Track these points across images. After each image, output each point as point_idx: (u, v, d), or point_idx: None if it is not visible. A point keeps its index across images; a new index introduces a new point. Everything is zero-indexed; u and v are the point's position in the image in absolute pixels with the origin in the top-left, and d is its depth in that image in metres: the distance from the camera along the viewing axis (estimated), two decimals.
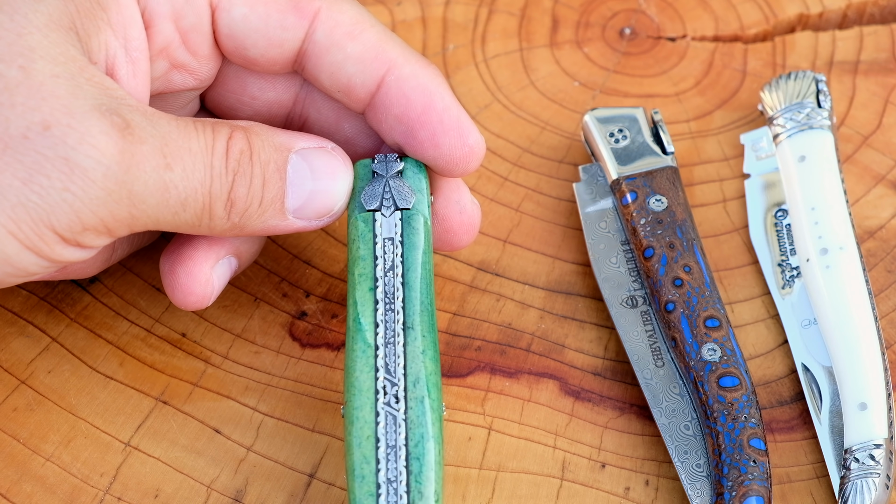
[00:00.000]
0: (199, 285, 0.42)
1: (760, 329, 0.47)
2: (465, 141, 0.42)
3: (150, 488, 0.43)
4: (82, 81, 0.37)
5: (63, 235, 0.37)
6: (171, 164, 0.38)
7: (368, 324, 0.40)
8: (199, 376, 0.46)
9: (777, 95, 0.51)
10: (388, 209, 0.42)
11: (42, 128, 0.36)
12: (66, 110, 0.36)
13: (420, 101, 0.42)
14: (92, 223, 0.37)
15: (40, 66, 0.37)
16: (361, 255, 0.41)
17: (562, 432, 0.45)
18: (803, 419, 0.45)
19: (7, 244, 0.36)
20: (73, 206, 0.36)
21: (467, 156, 0.42)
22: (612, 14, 0.56)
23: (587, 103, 0.53)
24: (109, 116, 0.37)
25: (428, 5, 0.56)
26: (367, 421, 0.39)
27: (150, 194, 0.38)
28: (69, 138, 0.36)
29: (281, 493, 0.43)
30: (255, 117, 0.45)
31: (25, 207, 0.36)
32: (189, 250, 0.42)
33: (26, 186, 0.36)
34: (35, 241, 0.37)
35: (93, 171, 0.36)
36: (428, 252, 0.42)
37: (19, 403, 0.45)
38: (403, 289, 0.41)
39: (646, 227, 0.47)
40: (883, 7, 0.56)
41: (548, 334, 0.47)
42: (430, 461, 0.39)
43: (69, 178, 0.36)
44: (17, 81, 0.36)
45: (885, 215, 0.50)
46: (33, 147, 0.36)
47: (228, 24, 0.42)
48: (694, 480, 0.43)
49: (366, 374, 0.40)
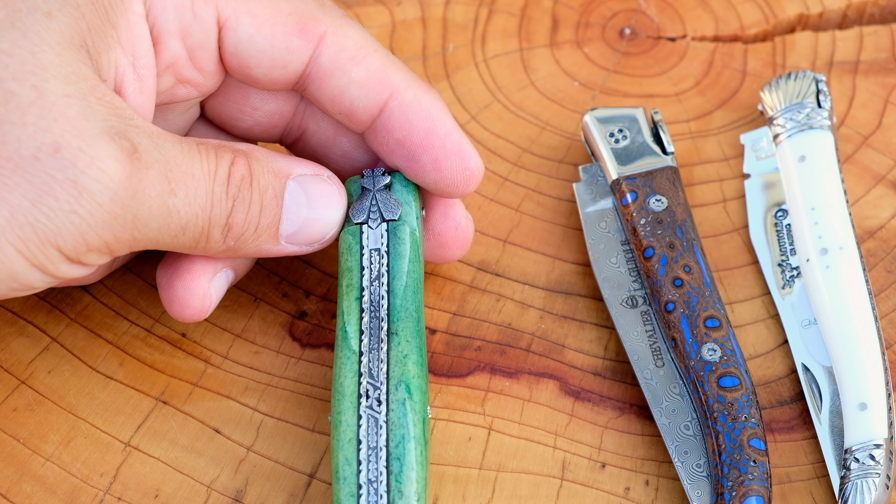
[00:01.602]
0: (196, 298, 0.43)
1: (760, 329, 0.47)
2: (466, 165, 0.43)
3: (150, 488, 0.43)
4: (93, 101, 0.37)
5: (67, 255, 0.38)
6: (174, 190, 0.39)
7: (354, 332, 0.41)
8: (199, 376, 0.46)
9: (777, 95, 0.51)
10: (374, 221, 0.43)
11: (53, 150, 0.36)
12: (77, 133, 0.37)
13: (423, 126, 0.43)
14: (96, 244, 0.38)
15: (52, 85, 0.37)
16: (349, 266, 0.42)
17: (562, 432, 0.45)
18: (803, 419, 0.45)
19: (15, 262, 0.37)
20: (79, 228, 0.37)
21: (468, 179, 0.43)
22: (612, 14, 0.56)
23: (587, 103, 0.53)
24: (119, 140, 0.37)
25: (428, 5, 0.56)
26: (350, 424, 0.40)
27: (153, 218, 0.38)
28: (79, 161, 0.37)
29: (281, 493, 0.43)
30: (255, 127, 0.45)
31: (34, 227, 0.37)
32: (186, 264, 0.43)
33: (35, 207, 0.36)
34: (41, 260, 0.37)
35: (100, 196, 0.37)
36: (415, 261, 0.42)
37: (19, 403, 0.45)
38: (388, 297, 0.42)
39: (646, 227, 0.47)
40: (883, 7, 0.56)
41: (548, 334, 0.47)
42: (410, 461, 0.39)
43: (77, 200, 0.37)
44: (30, 101, 0.37)
45: (885, 215, 0.50)
46: (43, 168, 0.36)
47: (234, 44, 0.42)
48: (694, 480, 0.43)
49: (349, 379, 0.41)
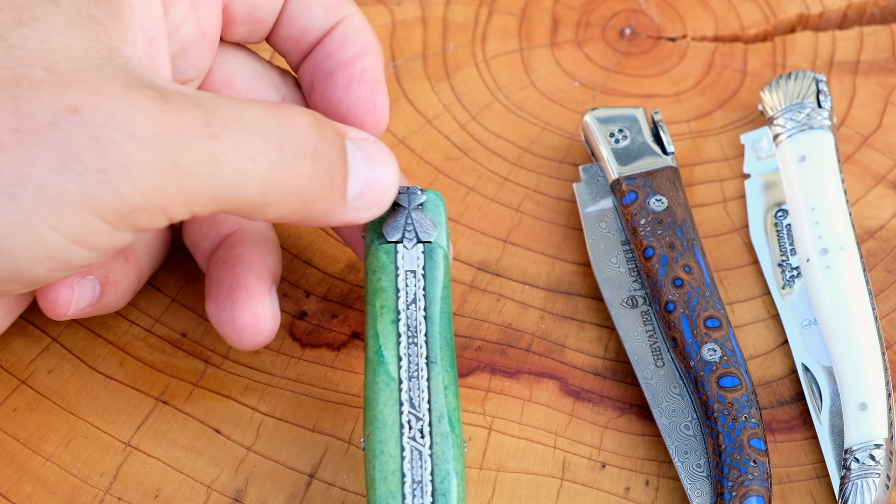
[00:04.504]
0: (267, 321, 0.42)
1: (760, 329, 0.47)
2: (375, 98, 0.43)
3: (151, 488, 0.43)
4: (108, 69, 0.36)
5: (110, 220, 0.35)
6: (216, 134, 0.35)
7: (391, 357, 0.40)
8: (200, 376, 0.46)
9: (777, 95, 0.51)
10: (410, 241, 0.42)
11: (69, 112, 0.34)
12: (93, 91, 0.35)
13: (355, 49, 0.43)
14: (139, 202, 0.35)
15: (64, 64, 0.35)
16: (382, 286, 0.41)
17: (562, 432, 0.45)
18: (803, 419, 0.45)
19: (51, 239, 0.34)
20: (112, 187, 0.34)
21: (371, 111, 0.43)
22: (612, 14, 0.56)
23: (587, 103, 0.54)
24: (140, 90, 0.35)
25: (428, 5, 0.56)
26: (393, 455, 0.39)
27: (197, 165, 0.35)
28: (97, 116, 0.34)
29: (281, 493, 0.43)
30: None
31: (63, 198, 0.34)
32: (243, 291, 0.41)
33: (61, 176, 0.34)
34: (79, 232, 0.34)
35: (126, 145, 0.34)
36: (447, 286, 0.41)
37: (19, 403, 0.45)
38: (426, 322, 0.41)
39: (646, 228, 0.47)
40: (883, 7, 0.56)
41: (548, 334, 0.47)
42: (454, 497, 0.38)
43: (103, 157, 0.34)
44: (42, 79, 0.35)
45: (885, 215, 0.50)
46: (63, 133, 0.34)
47: None
48: (694, 480, 0.43)
49: (390, 407, 0.39)
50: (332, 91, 0.43)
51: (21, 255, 0.34)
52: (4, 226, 0.34)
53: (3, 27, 0.36)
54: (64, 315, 0.41)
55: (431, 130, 0.53)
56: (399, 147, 0.52)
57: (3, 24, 0.36)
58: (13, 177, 0.34)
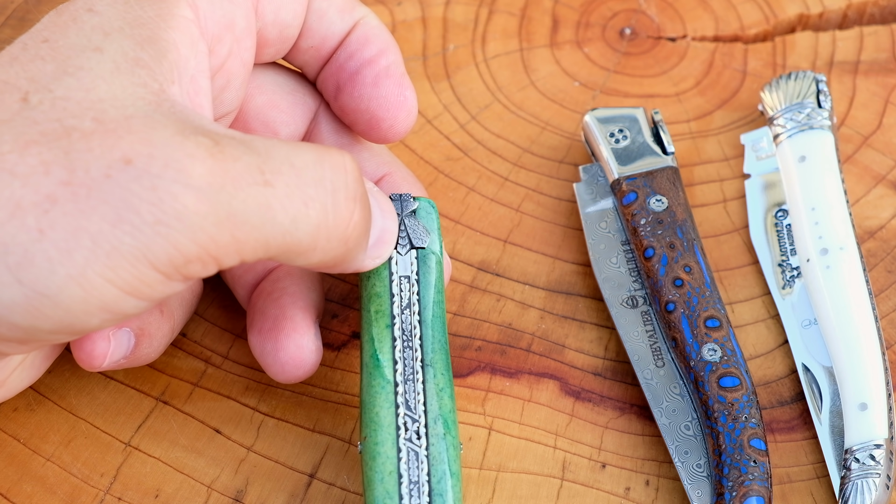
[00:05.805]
0: (311, 353, 0.42)
1: (761, 329, 0.47)
2: (404, 91, 0.43)
3: (151, 488, 0.43)
4: (158, 116, 0.35)
5: (164, 272, 0.34)
6: (270, 181, 0.35)
7: (387, 360, 0.40)
8: (200, 376, 0.46)
9: (777, 95, 0.51)
10: (403, 247, 0.42)
11: (123, 163, 0.34)
12: (146, 141, 0.34)
13: (377, 46, 0.44)
14: (194, 253, 0.34)
15: (112, 113, 0.35)
16: (377, 291, 0.41)
17: (562, 432, 0.45)
18: (803, 419, 0.45)
19: (106, 292, 0.34)
20: (169, 239, 0.34)
21: (401, 103, 0.43)
22: (612, 14, 0.56)
23: (587, 103, 0.54)
24: (194, 137, 0.35)
25: (428, 5, 0.56)
26: (390, 456, 0.39)
27: (251, 212, 0.35)
28: (152, 167, 0.34)
29: (281, 493, 0.43)
30: None
31: (119, 251, 0.33)
32: (287, 322, 0.41)
33: (117, 228, 0.33)
34: (134, 284, 0.34)
35: (183, 197, 0.34)
36: (441, 291, 0.42)
37: (19, 403, 0.45)
38: (420, 326, 0.41)
39: (646, 228, 0.47)
40: (883, 7, 0.56)
41: (548, 334, 0.47)
42: (450, 497, 0.39)
43: (159, 208, 0.33)
44: (92, 130, 0.34)
45: (885, 215, 0.50)
46: (118, 185, 0.33)
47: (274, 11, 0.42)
48: (694, 480, 0.43)
49: (386, 409, 0.40)
50: (360, 89, 0.43)
51: (76, 309, 0.34)
52: (60, 280, 0.33)
53: (48, 78, 0.36)
54: (98, 367, 0.41)
55: (432, 130, 0.53)
56: (399, 147, 0.52)
57: (48, 76, 0.36)
58: (67, 231, 0.33)
